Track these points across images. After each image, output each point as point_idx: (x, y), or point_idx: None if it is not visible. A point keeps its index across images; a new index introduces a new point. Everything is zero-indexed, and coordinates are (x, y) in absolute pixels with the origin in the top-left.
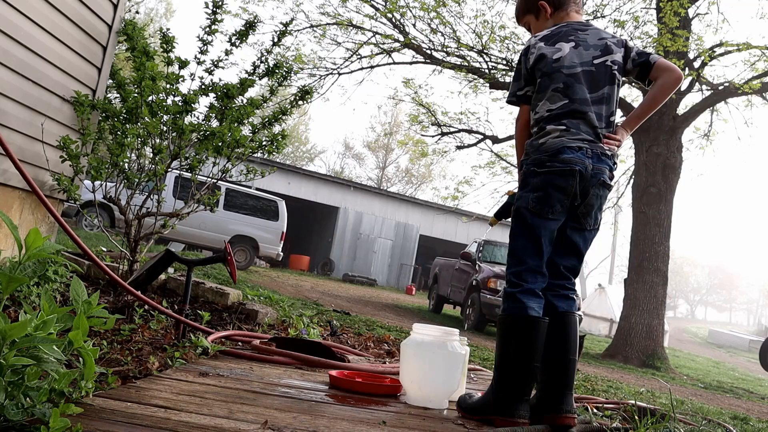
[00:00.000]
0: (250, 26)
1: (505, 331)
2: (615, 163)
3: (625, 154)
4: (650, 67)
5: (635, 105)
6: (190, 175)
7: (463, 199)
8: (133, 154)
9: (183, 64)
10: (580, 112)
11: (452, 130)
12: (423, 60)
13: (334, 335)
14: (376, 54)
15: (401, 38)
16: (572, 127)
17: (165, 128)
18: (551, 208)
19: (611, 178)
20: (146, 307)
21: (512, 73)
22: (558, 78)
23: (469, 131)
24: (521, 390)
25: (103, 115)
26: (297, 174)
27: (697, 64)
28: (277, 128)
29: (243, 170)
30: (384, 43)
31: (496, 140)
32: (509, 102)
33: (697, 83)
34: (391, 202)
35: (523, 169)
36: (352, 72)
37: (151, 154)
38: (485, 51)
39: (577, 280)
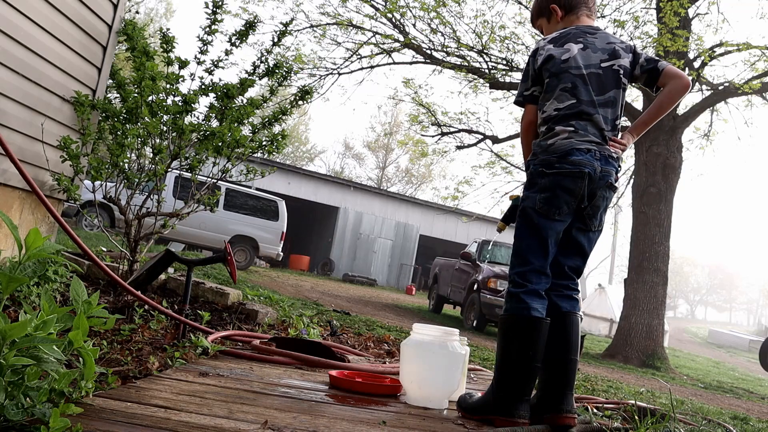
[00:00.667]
0: (250, 26)
1: (507, 331)
2: (620, 166)
3: (626, 154)
4: (658, 74)
5: (634, 105)
6: (190, 175)
7: (463, 199)
8: (133, 154)
9: (183, 64)
10: (587, 114)
11: (452, 130)
12: (423, 60)
13: (334, 335)
14: (376, 54)
15: (401, 38)
16: (580, 129)
17: (165, 128)
18: (558, 209)
19: (616, 180)
20: (146, 307)
21: (512, 73)
22: (566, 78)
23: (469, 131)
24: (522, 390)
25: (103, 115)
26: (297, 174)
27: (697, 64)
28: (277, 128)
29: (243, 170)
30: (384, 43)
31: (496, 140)
32: (516, 103)
33: (697, 83)
34: (391, 202)
35: (530, 170)
36: (352, 72)
37: (151, 154)
38: (485, 51)
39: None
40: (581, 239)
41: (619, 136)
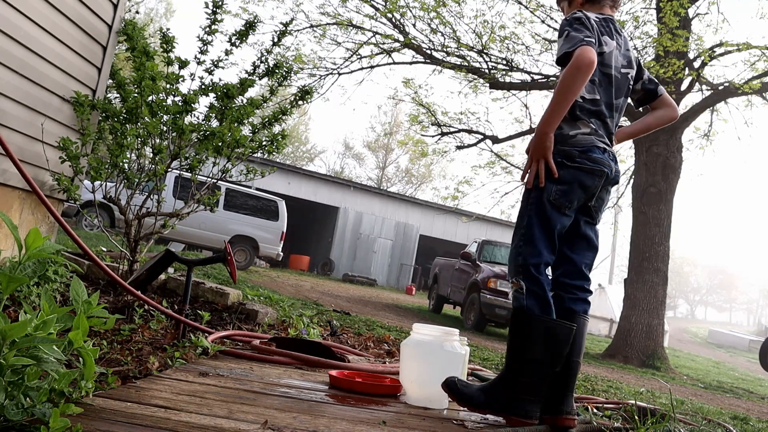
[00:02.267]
0: (250, 26)
1: (523, 329)
2: None
3: (626, 154)
4: (656, 97)
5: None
6: (190, 175)
7: (463, 199)
8: (133, 154)
9: (183, 64)
10: (604, 115)
11: (452, 130)
12: (423, 60)
13: (334, 335)
14: (376, 54)
15: (401, 38)
16: (598, 129)
17: (165, 128)
18: (570, 204)
19: None
20: (146, 307)
21: (512, 73)
22: (595, 72)
23: (469, 131)
24: (537, 390)
25: (103, 115)
26: (297, 174)
27: (697, 64)
28: (277, 128)
29: (243, 170)
30: (384, 43)
31: (496, 140)
32: (566, 54)
33: (697, 83)
34: (391, 202)
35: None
36: (352, 72)
37: (151, 154)
38: (485, 51)
39: None
40: (590, 233)
41: None
